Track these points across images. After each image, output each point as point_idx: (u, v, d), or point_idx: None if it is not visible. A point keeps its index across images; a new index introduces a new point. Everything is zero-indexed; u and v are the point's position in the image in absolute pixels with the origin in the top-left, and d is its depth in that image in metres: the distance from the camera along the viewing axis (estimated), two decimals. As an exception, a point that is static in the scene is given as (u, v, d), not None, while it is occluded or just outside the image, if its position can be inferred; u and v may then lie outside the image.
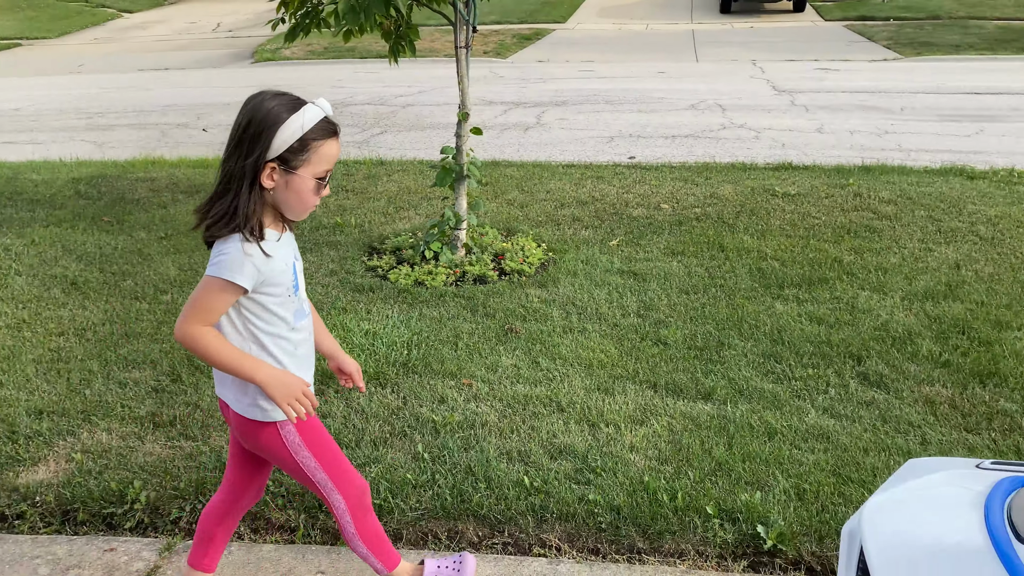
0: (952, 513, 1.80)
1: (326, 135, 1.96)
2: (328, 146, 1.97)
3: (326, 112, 1.97)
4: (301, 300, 2.09)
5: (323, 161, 1.96)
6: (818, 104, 10.10)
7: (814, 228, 5.52)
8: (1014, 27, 16.67)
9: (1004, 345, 3.87)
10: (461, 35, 4.75)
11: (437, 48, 15.45)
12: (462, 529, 2.74)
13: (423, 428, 3.28)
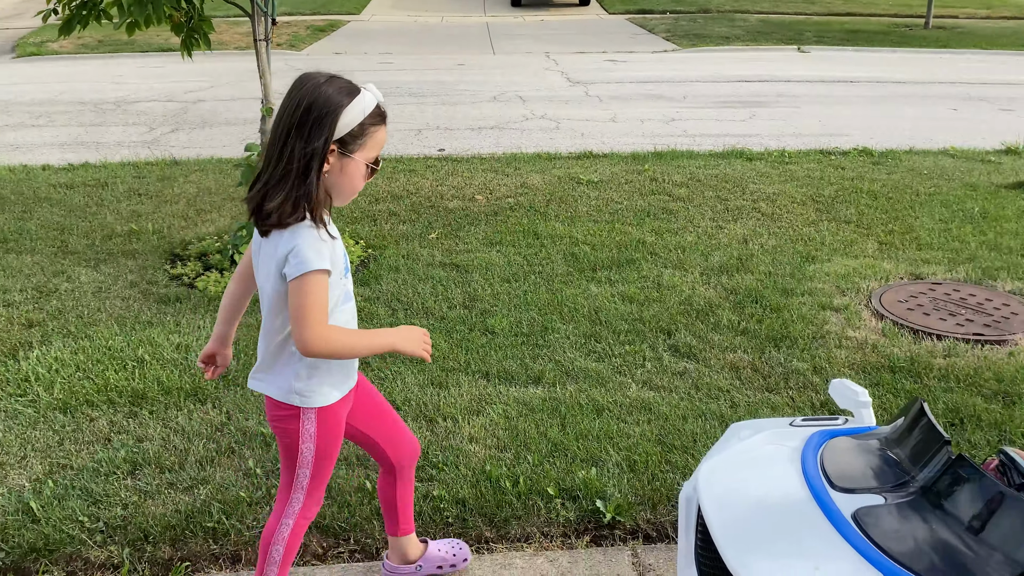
0: (775, 469, 1.96)
1: (381, 121, 1.98)
2: (381, 132, 1.98)
3: (378, 98, 1.96)
4: (348, 285, 2.07)
5: (376, 146, 1.98)
6: (610, 94, 10.62)
7: (618, 213, 5.81)
8: (772, 20, 18.37)
9: (791, 311, 4.28)
10: (260, 27, 4.55)
11: (227, 40, 14.68)
12: (306, 542, 2.65)
13: (252, 442, 3.13)
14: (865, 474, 1.88)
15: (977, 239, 5.26)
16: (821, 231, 5.45)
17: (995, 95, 10.73)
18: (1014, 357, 3.78)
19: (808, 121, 9.03)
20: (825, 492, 1.83)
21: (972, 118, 9.33)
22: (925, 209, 5.85)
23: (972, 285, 4.59)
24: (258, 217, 1.93)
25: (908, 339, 3.98)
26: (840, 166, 6.96)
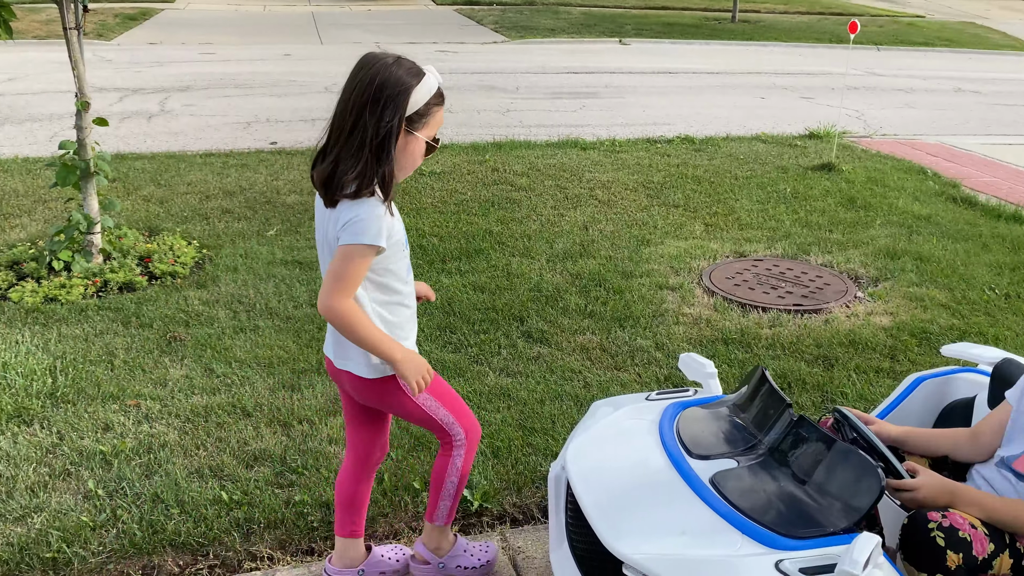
0: (637, 442, 2.06)
1: (441, 102, 2.07)
2: (441, 112, 2.07)
3: (439, 80, 2.05)
4: (408, 259, 2.15)
5: (436, 125, 2.07)
6: (445, 85, 10.60)
7: (463, 203, 5.84)
8: (594, 13, 19.03)
9: (632, 292, 4.47)
10: (70, 14, 4.19)
11: (24, 29, 13.42)
12: (159, 563, 2.50)
13: (91, 462, 2.91)
14: (718, 440, 2.01)
15: (790, 217, 5.72)
16: (653, 215, 5.72)
17: (796, 84, 11.67)
18: (830, 324, 4.15)
19: (634, 111, 9.44)
20: (684, 460, 1.94)
21: (778, 106, 10.10)
22: (744, 192, 6.28)
23: (789, 260, 4.99)
24: (328, 189, 1.98)
25: (737, 313, 4.27)
26: (666, 153, 7.34)
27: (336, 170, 1.97)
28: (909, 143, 8.19)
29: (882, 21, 20.16)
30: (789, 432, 1.93)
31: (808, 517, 1.74)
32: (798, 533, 1.70)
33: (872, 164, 7.12)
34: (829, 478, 1.80)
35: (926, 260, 4.93)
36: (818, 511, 1.74)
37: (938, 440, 2.09)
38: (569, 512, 2.10)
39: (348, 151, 1.96)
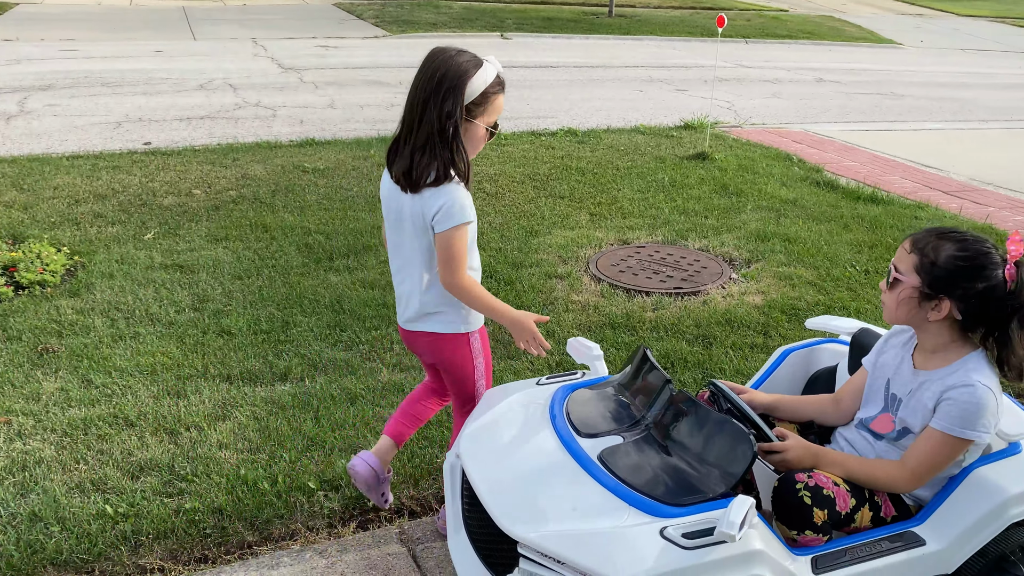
0: (528, 426, 2.12)
1: (500, 89, 2.22)
2: (500, 99, 2.23)
3: (498, 69, 2.20)
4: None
5: (495, 112, 2.22)
6: (326, 80, 10.46)
7: (349, 200, 5.78)
8: (475, 8, 19.10)
9: (523, 282, 4.55)
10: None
11: None
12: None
13: (-42, 484, 2.74)
14: (605, 419, 2.09)
15: (669, 205, 5.94)
16: (540, 207, 5.83)
17: (671, 77, 12.08)
18: (707, 305, 4.35)
19: (518, 104, 9.55)
20: (573, 440, 2.02)
21: (655, 98, 10.43)
22: (625, 182, 6.47)
23: (669, 246, 5.19)
24: (409, 180, 2.15)
25: (623, 298, 4.42)
26: (550, 146, 7.48)
27: (413, 162, 2.15)
28: (776, 131, 8.64)
29: (749, 15, 21.09)
30: (669, 407, 2.03)
31: (689, 485, 1.84)
32: (680, 501, 1.80)
33: (743, 152, 7.47)
34: (706, 447, 1.91)
35: (793, 241, 5.23)
36: (698, 479, 1.85)
37: (805, 406, 2.25)
38: (465, 499, 2.14)
39: (419, 141, 2.14)
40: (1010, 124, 10.01)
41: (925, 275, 1.91)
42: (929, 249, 1.92)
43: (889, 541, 1.91)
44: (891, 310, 1.99)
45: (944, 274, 1.89)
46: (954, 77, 13.78)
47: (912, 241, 1.96)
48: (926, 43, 19.24)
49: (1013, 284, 1.86)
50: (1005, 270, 1.87)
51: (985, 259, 1.88)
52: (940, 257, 1.90)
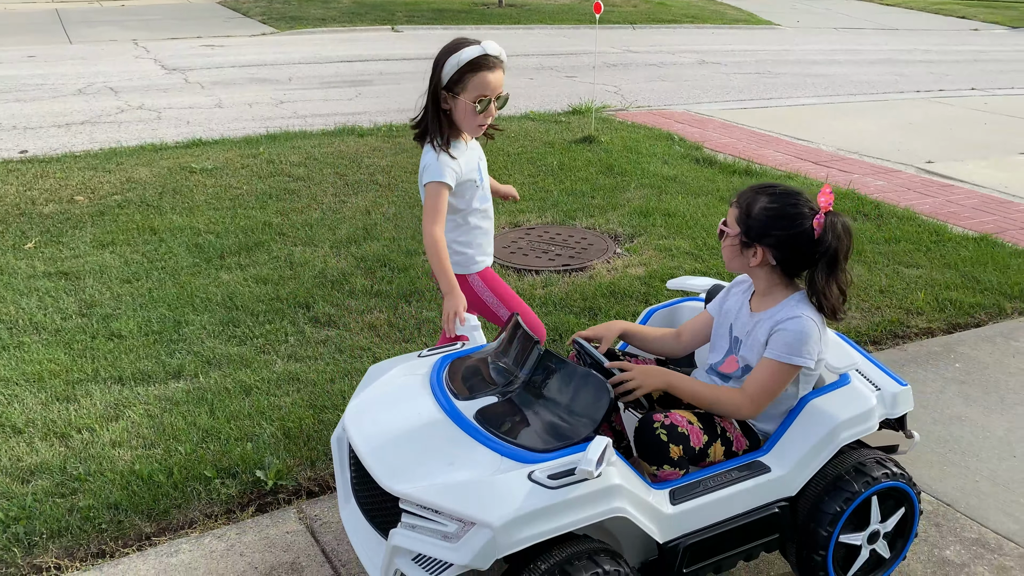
0: (410, 395, 2.24)
1: (478, 68, 2.54)
2: (481, 76, 2.55)
3: (486, 50, 2.54)
4: (484, 188, 2.79)
5: (476, 89, 2.56)
6: (212, 80, 10.26)
7: (239, 198, 5.76)
8: (365, 2, 18.96)
9: (416, 269, 4.66)
10: None
11: None
12: (-69, 592, 2.38)
13: None
14: (481, 382, 2.23)
15: (558, 188, 6.14)
16: (433, 195, 5.93)
17: (561, 64, 12.35)
18: (593, 279, 4.56)
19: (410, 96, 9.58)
20: (451, 403, 2.15)
21: (546, 85, 10.66)
22: (516, 167, 6.64)
23: (558, 226, 5.39)
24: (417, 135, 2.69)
25: (514, 277, 4.58)
26: (442, 135, 7.57)
27: (416, 124, 2.70)
28: (660, 113, 8.98)
29: (636, 1, 21.63)
30: (539, 366, 2.19)
31: (556, 433, 2.00)
32: (547, 447, 1.95)
33: (627, 134, 7.75)
34: (572, 398, 2.07)
35: (673, 215, 5.50)
36: (564, 427, 2.01)
37: (651, 336, 2.46)
38: (353, 469, 2.24)
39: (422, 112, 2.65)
40: (874, 97, 10.67)
41: (743, 225, 2.14)
42: (746, 202, 2.15)
43: (738, 471, 2.12)
44: (726, 259, 2.22)
45: (756, 224, 2.13)
46: (826, 55, 14.53)
47: (737, 196, 2.18)
48: (802, 23, 20.17)
49: (820, 232, 2.09)
50: (815, 220, 2.09)
51: (792, 209, 2.11)
52: (754, 209, 2.13)
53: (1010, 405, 3.41)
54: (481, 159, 2.82)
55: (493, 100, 2.62)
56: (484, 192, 2.80)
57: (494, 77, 2.58)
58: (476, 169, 2.75)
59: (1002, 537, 2.61)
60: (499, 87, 2.63)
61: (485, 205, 2.82)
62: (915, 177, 6.80)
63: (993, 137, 8.32)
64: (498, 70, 2.61)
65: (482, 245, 2.85)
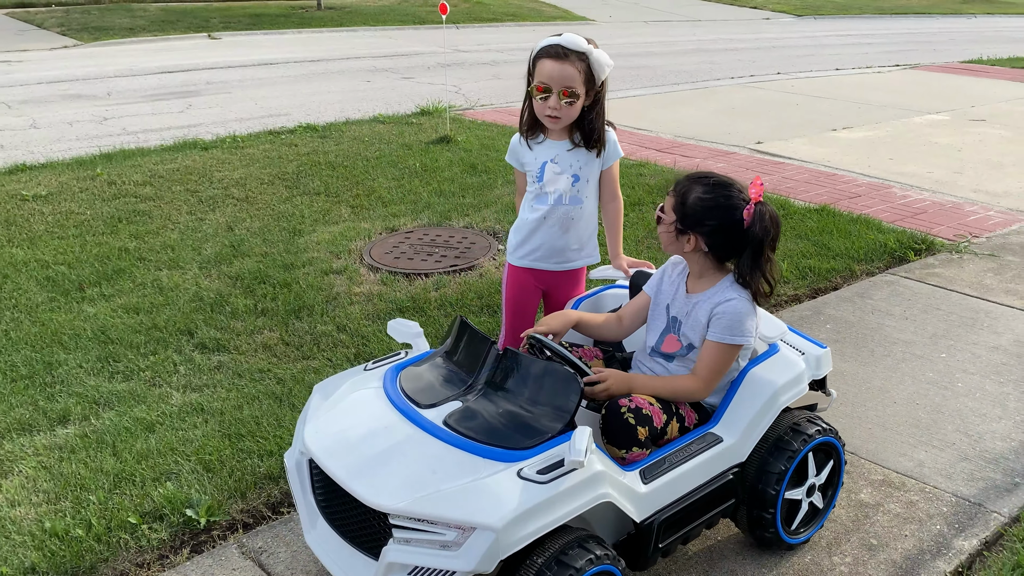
0: (369, 409, 2.20)
1: (543, 55, 2.63)
2: (543, 64, 2.63)
3: (560, 41, 2.62)
4: (544, 190, 2.83)
5: (540, 76, 2.64)
6: (18, 99, 9.39)
7: (84, 224, 5.33)
8: (175, 9, 17.96)
9: (299, 282, 4.51)
10: None
11: None
12: None
13: None
14: (441, 388, 2.22)
15: (426, 189, 6.13)
16: (298, 206, 5.76)
17: (396, 66, 12.27)
18: (484, 277, 4.61)
19: (245, 105, 9.23)
20: (416, 412, 2.13)
21: (385, 87, 10.56)
22: (378, 171, 6.56)
23: (436, 227, 5.39)
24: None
25: (404, 283, 4.54)
26: (292, 144, 7.35)
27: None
28: (506, 110, 9.14)
29: (456, 0, 21.83)
30: (498, 365, 2.20)
31: (531, 429, 2.03)
32: (527, 444, 1.98)
33: (481, 132, 7.85)
34: (539, 393, 2.11)
35: (546, 208, 5.64)
36: (537, 422, 2.04)
37: (598, 323, 2.55)
38: (318, 491, 2.17)
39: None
40: (695, 85, 11.38)
41: (678, 213, 2.27)
42: (682, 191, 2.27)
43: (696, 444, 2.24)
44: (662, 243, 2.34)
45: (691, 213, 2.26)
46: (643, 48, 15.32)
47: (675, 184, 2.30)
48: (615, 18, 21.14)
49: (749, 222, 2.24)
50: (745, 210, 2.25)
51: (725, 201, 2.25)
52: (689, 198, 2.26)
53: (879, 357, 3.78)
54: (556, 160, 2.80)
55: (556, 92, 2.62)
56: (544, 194, 2.84)
57: (559, 68, 2.60)
58: (539, 167, 2.81)
59: (903, 475, 2.90)
60: (566, 80, 2.60)
61: (541, 207, 2.85)
62: (750, 158, 7.33)
63: (807, 116, 9.12)
64: (567, 63, 2.60)
65: (522, 241, 2.93)
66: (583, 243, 2.93)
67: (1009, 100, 10.31)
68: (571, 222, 2.87)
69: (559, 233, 2.88)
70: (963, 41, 17.78)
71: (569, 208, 2.85)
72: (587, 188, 2.86)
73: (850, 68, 13.14)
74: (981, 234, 5.38)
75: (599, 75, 2.71)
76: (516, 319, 3.03)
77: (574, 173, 2.82)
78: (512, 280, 3.01)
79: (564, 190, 2.82)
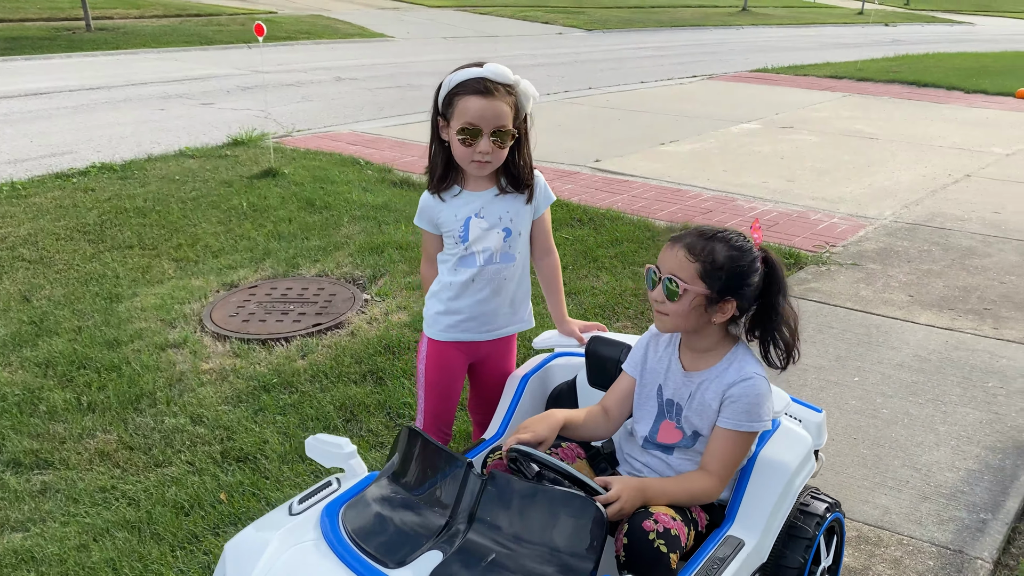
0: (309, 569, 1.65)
1: (467, 91, 2.19)
2: (465, 102, 2.19)
3: (484, 73, 2.19)
4: (471, 250, 2.36)
5: (464, 116, 2.20)
6: None
7: None
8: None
9: (130, 364, 3.70)
10: None
11: None
12: None
13: None
14: (408, 535, 1.70)
15: (261, 233, 5.40)
16: (108, 264, 4.85)
17: (190, 91, 11.16)
18: (357, 336, 4.02)
19: (19, 143, 7.92)
20: (364, 563, 1.60)
21: (183, 115, 9.51)
22: (199, 215, 5.73)
23: (284, 279, 4.71)
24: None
25: (262, 351, 3.86)
26: (88, 188, 6.29)
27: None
28: (327, 135, 8.47)
29: (241, 19, 20.56)
30: (481, 494, 1.71)
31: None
32: (554, 607, 1.51)
33: (308, 163, 7.15)
34: (550, 530, 1.64)
35: (405, 247, 5.12)
36: (561, 570, 1.58)
37: (583, 421, 2.10)
38: None
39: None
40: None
41: (711, 280, 1.88)
42: (707, 254, 1.88)
43: (720, 556, 1.86)
44: (678, 321, 1.92)
45: (727, 276, 1.88)
46: (449, 64, 14.98)
47: (687, 249, 1.90)
48: (412, 34, 20.77)
49: (768, 271, 1.92)
50: (759, 260, 1.92)
51: (750, 254, 1.91)
52: (719, 260, 1.88)
53: (798, 388, 3.62)
54: (481, 215, 2.34)
55: (487, 134, 2.20)
56: (471, 254, 2.37)
57: (489, 106, 2.19)
58: (462, 225, 2.34)
59: (876, 528, 2.71)
60: (499, 119, 2.20)
61: (467, 270, 2.38)
62: (594, 176, 7.19)
63: (633, 132, 9.19)
64: (497, 99, 2.17)
65: (445, 309, 2.44)
66: (517, 306, 2.49)
67: (805, 106, 11.02)
68: (504, 283, 2.41)
69: (490, 296, 2.42)
70: (742, 51, 19.09)
71: (501, 267, 2.40)
72: (519, 242, 2.42)
73: (653, 80, 13.59)
74: (836, 243, 5.51)
75: (524, 108, 2.32)
76: (440, 403, 2.53)
77: (505, 227, 2.38)
78: (433, 357, 2.50)
79: (495, 247, 2.37)
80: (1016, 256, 5.34)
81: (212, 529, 2.68)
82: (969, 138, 9.16)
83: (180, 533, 2.65)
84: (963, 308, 4.49)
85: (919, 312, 4.42)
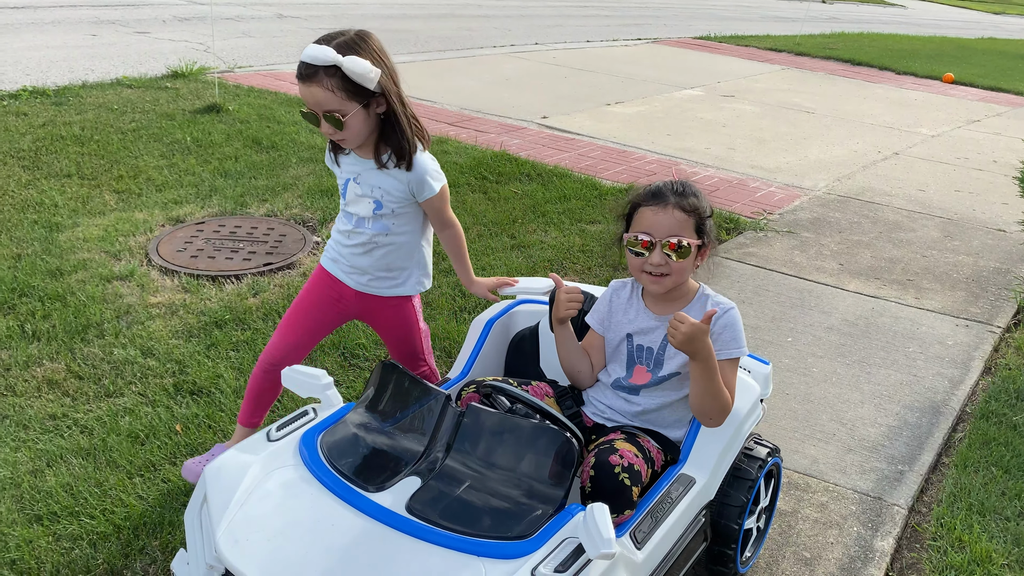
0: (298, 499, 1.73)
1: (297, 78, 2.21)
2: (302, 87, 2.21)
3: (302, 57, 2.15)
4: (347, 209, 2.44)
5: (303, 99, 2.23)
6: None
7: None
8: None
9: (76, 294, 3.64)
10: None
11: None
12: None
13: None
14: (387, 462, 1.78)
15: (206, 169, 5.29)
16: (46, 192, 4.70)
17: (124, 17, 10.68)
18: (308, 276, 4.02)
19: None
20: (364, 499, 1.69)
21: (117, 42, 9.12)
22: (140, 146, 5.57)
23: (232, 216, 4.65)
24: None
25: (211, 288, 3.84)
26: (20, 112, 6.03)
27: None
28: (271, 74, 8.27)
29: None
30: (458, 425, 1.80)
31: (527, 508, 1.67)
32: (530, 531, 1.62)
33: (253, 100, 6.99)
34: (524, 459, 1.74)
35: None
36: (531, 497, 1.68)
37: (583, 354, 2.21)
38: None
39: None
40: (460, 53, 11.11)
41: (702, 230, 2.02)
42: (694, 208, 2.01)
43: (673, 491, 2.00)
44: (680, 278, 2.04)
45: (709, 224, 2.04)
46: (399, 10, 14.75)
47: (680, 207, 2.00)
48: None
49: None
50: None
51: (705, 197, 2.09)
52: (704, 210, 2.02)
53: (733, 345, 3.82)
54: (359, 180, 2.37)
55: (321, 116, 2.21)
56: (347, 213, 2.45)
57: (308, 92, 2.19)
58: (343, 183, 2.43)
59: (805, 475, 2.91)
60: (321, 103, 2.17)
61: (345, 225, 2.46)
62: (542, 133, 7.25)
63: (579, 90, 9.24)
64: (315, 84, 2.15)
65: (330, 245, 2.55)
66: (395, 272, 2.48)
67: (746, 77, 11.25)
68: (375, 248, 2.42)
69: (361, 254, 2.44)
70: (685, 17, 19.24)
71: (372, 233, 2.40)
72: (396, 219, 2.38)
73: (599, 40, 13.63)
74: (773, 210, 5.73)
75: (365, 84, 2.15)
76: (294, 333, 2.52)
77: (376, 199, 2.35)
78: (310, 280, 2.60)
79: (366, 215, 2.38)
80: (937, 232, 5.66)
81: (169, 458, 2.70)
82: (899, 118, 9.55)
83: (137, 461, 2.66)
84: (888, 278, 4.76)
85: (848, 280, 4.67)
